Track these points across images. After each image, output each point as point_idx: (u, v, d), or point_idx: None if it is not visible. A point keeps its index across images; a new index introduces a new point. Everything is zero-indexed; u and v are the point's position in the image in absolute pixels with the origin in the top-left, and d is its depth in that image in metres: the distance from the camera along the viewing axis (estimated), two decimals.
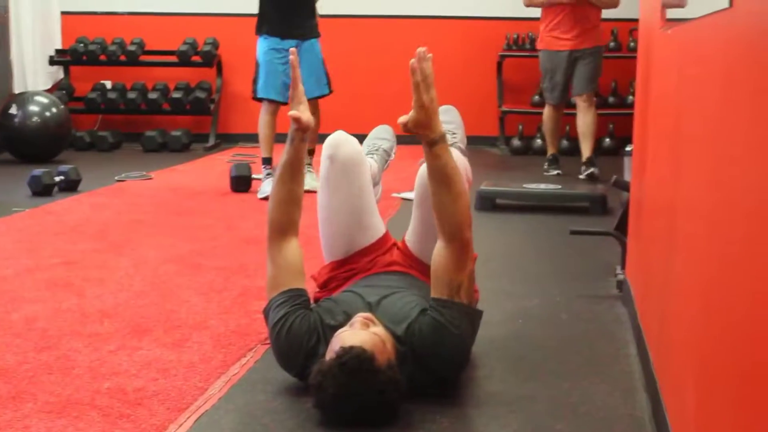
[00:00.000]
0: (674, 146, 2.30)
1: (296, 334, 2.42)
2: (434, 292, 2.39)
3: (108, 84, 8.67)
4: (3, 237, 4.46)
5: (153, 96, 8.45)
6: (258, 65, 5.75)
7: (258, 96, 5.71)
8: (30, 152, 7.16)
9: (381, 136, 3.29)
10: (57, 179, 5.73)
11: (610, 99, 8.21)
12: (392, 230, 2.91)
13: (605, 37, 6.90)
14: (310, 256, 2.79)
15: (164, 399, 2.42)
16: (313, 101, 5.80)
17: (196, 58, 8.52)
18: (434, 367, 2.39)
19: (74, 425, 2.26)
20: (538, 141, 8.15)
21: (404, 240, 2.79)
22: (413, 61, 2.36)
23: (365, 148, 3.13)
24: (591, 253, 4.16)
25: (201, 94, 8.46)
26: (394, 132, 3.27)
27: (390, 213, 4.92)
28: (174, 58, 8.51)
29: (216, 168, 7.04)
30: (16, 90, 7.93)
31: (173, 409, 2.36)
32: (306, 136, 2.59)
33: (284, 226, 2.58)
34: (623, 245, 3.60)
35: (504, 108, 8.44)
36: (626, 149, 4.84)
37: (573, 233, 3.91)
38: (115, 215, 5.08)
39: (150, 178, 6.48)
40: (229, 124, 8.84)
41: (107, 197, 5.71)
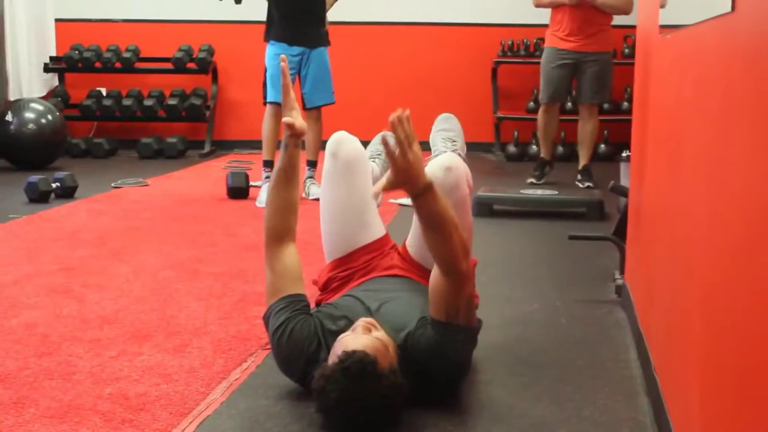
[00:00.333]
0: (674, 152, 2.31)
1: (297, 340, 2.42)
2: (433, 312, 2.37)
3: (103, 91, 8.68)
4: (1, 243, 4.46)
5: (148, 103, 8.46)
6: (266, 71, 5.80)
7: (268, 101, 5.72)
8: (25, 159, 7.16)
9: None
10: (53, 186, 5.73)
11: (605, 105, 8.23)
12: (391, 236, 2.92)
13: (612, 44, 6.58)
14: (307, 263, 2.79)
15: (166, 404, 2.42)
16: (316, 110, 5.82)
17: (192, 65, 8.54)
18: (433, 378, 2.39)
19: (77, 430, 2.25)
20: (534, 147, 8.18)
21: (405, 245, 2.80)
22: (394, 118, 2.15)
23: (367, 153, 3.15)
24: (589, 259, 4.17)
25: (196, 101, 8.46)
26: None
27: (388, 219, 4.92)
28: (169, 65, 8.52)
29: (212, 175, 7.04)
30: (12, 97, 7.93)
31: (176, 414, 2.36)
32: (300, 142, 2.61)
33: (281, 233, 2.58)
34: (622, 250, 3.61)
35: (499, 114, 8.47)
36: (622, 155, 4.86)
37: (572, 238, 3.92)
38: (113, 221, 5.08)
39: (146, 185, 6.48)
40: (225, 131, 8.85)
41: (104, 204, 5.70)
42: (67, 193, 5.79)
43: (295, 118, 2.57)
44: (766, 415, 1.28)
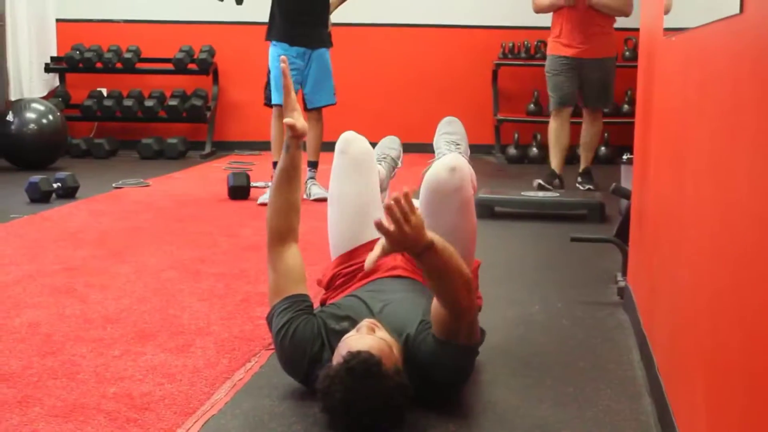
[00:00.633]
0: (679, 154, 2.31)
1: (300, 340, 2.43)
2: (435, 329, 2.35)
3: (104, 91, 8.67)
4: (3, 243, 4.46)
5: (149, 104, 8.46)
6: (269, 72, 5.80)
7: (272, 103, 5.72)
8: (26, 159, 7.17)
9: (389, 146, 3.41)
10: (54, 186, 5.73)
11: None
12: None
13: (615, 49, 6.49)
14: (309, 263, 2.79)
15: (171, 403, 2.43)
16: (318, 110, 5.83)
17: (192, 66, 8.54)
18: (434, 381, 2.39)
19: (82, 429, 2.26)
20: (534, 149, 8.19)
21: None
22: (391, 202, 2.08)
23: (374, 155, 3.18)
24: (590, 260, 4.18)
25: (197, 102, 8.46)
26: (401, 142, 3.50)
27: None
28: (170, 66, 8.52)
29: (213, 175, 7.04)
30: (13, 97, 7.92)
31: (180, 414, 2.36)
32: (301, 143, 2.62)
33: (283, 234, 2.59)
34: (624, 252, 3.62)
35: (499, 116, 8.47)
36: (623, 157, 4.86)
37: (574, 240, 3.93)
38: (114, 222, 5.08)
39: (147, 185, 6.48)
40: (225, 132, 8.85)
41: (105, 204, 5.71)
42: (68, 194, 5.80)
43: (297, 119, 2.58)
44: None
